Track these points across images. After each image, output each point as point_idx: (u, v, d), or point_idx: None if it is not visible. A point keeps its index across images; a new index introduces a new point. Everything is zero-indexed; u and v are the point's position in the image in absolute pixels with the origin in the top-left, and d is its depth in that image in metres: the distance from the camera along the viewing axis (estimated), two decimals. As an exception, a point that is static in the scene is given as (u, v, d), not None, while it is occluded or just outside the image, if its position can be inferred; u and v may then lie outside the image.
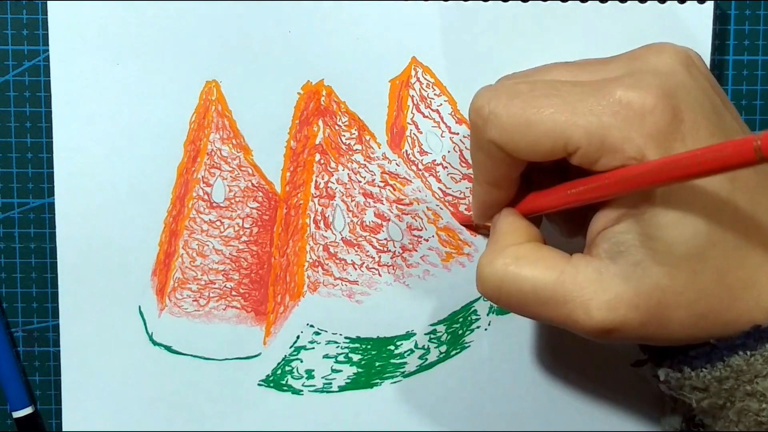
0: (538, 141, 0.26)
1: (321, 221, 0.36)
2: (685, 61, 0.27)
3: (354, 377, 0.37)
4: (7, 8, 0.35)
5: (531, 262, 0.28)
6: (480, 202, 0.31)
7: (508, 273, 0.28)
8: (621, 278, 0.26)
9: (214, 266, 0.36)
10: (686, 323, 0.26)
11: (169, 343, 0.36)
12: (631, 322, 0.26)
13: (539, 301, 0.27)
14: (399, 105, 0.36)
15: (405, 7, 0.35)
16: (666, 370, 0.28)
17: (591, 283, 0.26)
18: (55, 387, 0.37)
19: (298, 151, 0.36)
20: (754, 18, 0.37)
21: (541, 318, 0.28)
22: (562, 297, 0.27)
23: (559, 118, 0.26)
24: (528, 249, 0.28)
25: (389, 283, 0.36)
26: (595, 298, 0.26)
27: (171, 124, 0.35)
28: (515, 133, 0.26)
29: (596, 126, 0.25)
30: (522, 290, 0.27)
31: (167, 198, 0.36)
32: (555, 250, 0.28)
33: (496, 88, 0.28)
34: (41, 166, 0.36)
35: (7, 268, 0.37)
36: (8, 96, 0.36)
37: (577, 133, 0.25)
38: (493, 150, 0.28)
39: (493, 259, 0.28)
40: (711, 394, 0.27)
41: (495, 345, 0.37)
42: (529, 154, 0.27)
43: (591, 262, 0.27)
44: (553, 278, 0.27)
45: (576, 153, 0.26)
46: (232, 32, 0.35)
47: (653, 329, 0.26)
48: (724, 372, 0.26)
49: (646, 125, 0.25)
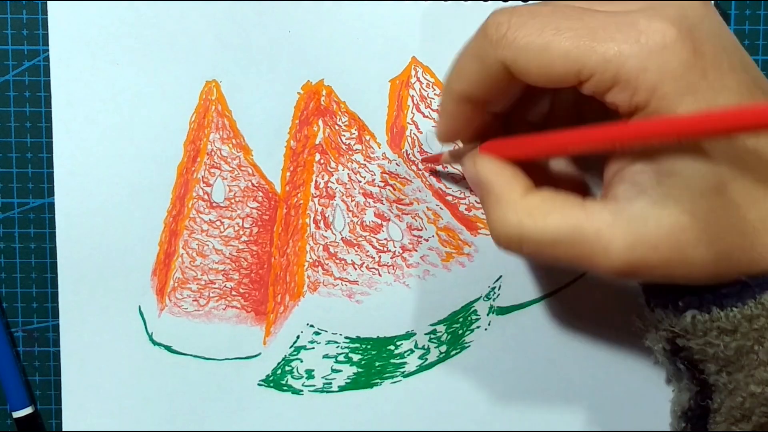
0: (552, 64, 0.26)
1: (321, 221, 0.36)
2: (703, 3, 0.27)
3: (354, 377, 0.37)
4: (7, 8, 0.35)
5: (545, 214, 0.27)
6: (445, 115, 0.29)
7: (525, 230, 0.27)
8: (640, 219, 0.26)
9: (214, 266, 0.36)
10: (708, 261, 0.26)
11: (169, 343, 0.36)
12: (652, 262, 0.26)
13: (559, 250, 0.27)
14: (399, 105, 0.36)
15: (405, 7, 0.35)
16: (693, 312, 0.27)
17: (609, 227, 0.26)
18: (55, 387, 0.37)
19: (298, 151, 0.36)
20: (754, 18, 0.37)
21: (563, 264, 0.28)
22: (581, 244, 0.26)
23: (578, 43, 0.25)
24: (537, 200, 0.28)
25: (389, 283, 0.36)
26: (614, 242, 0.26)
27: (171, 124, 0.35)
28: (529, 54, 0.26)
29: (614, 54, 0.25)
30: (541, 243, 0.27)
31: (167, 198, 0.36)
32: (563, 196, 0.28)
33: (516, 8, 0.27)
34: (41, 166, 0.36)
35: (7, 268, 0.37)
36: (8, 96, 0.36)
37: (594, 59, 0.25)
38: (498, 68, 0.27)
39: (506, 218, 0.28)
40: (740, 336, 0.26)
41: (495, 345, 0.37)
42: (538, 77, 0.26)
43: (607, 205, 0.27)
44: (570, 227, 0.27)
45: (589, 80, 0.25)
46: (232, 32, 0.35)
47: (675, 268, 0.26)
48: (756, 310, 0.26)
49: (665, 57, 0.25)
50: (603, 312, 0.37)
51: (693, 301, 0.27)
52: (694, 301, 0.27)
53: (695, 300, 0.27)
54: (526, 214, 0.28)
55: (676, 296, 0.28)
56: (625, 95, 0.25)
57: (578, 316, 0.37)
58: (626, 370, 0.37)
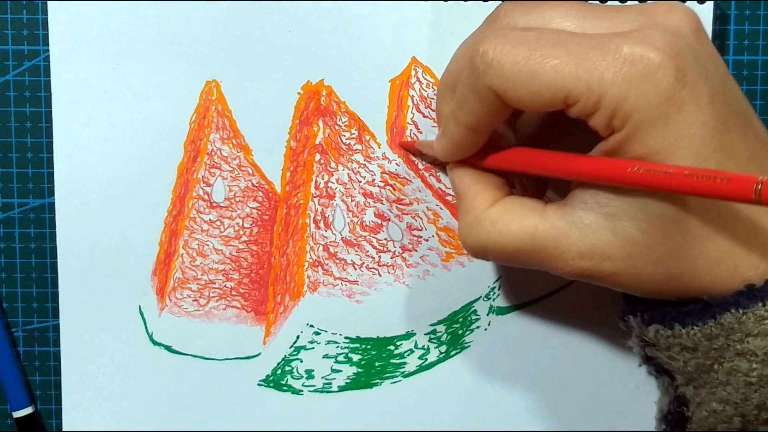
0: (540, 91, 0.26)
1: (321, 221, 0.36)
2: (695, 25, 0.27)
3: (354, 377, 0.37)
4: (7, 8, 0.35)
5: (507, 224, 0.29)
6: (452, 144, 0.30)
7: (489, 240, 0.29)
8: (594, 230, 0.27)
9: (214, 266, 0.36)
10: (657, 279, 0.27)
11: (169, 343, 0.36)
12: (603, 271, 0.27)
13: (522, 256, 0.29)
14: (399, 105, 0.36)
15: (405, 7, 0.35)
16: (656, 327, 0.28)
17: (564, 236, 0.28)
18: (55, 387, 0.37)
19: (298, 151, 0.36)
20: (754, 18, 0.37)
21: (526, 266, 0.29)
22: (541, 250, 0.28)
23: (563, 70, 0.26)
24: (501, 210, 0.29)
25: (389, 283, 0.36)
26: (569, 250, 0.27)
27: (171, 124, 0.35)
28: (517, 82, 0.26)
29: (597, 81, 0.25)
30: (505, 251, 0.29)
31: (167, 198, 0.36)
32: (526, 203, 0.29)
33: (503, 35, 0.27)
34: (41, 166, 0.36)
35: (7, 268, 0.37)
36: (8, 96, 0.36)
37: (579, 86, 0.25)
38: (489, 96, 0.27)
39: (472, 229, 0.30)
40: (700, 354, 0.27)
41: (495, 345, 0.37)
42: (527, 103, 0.27)
43: (565, 214, 0.28)
44: (529, 234, 0.28)
45: (575, 106, 0.26)
46: (232, 32, 0.35)
47: (625, 279, 0.27)
48: (715, 330, 0.26)
49: (644, 87, 0.25)
50: (602, 312, 0.37)
51: (657, 316, 0.28)
52: (658, 315, 0.28)
53: (659, 315, 0.28)
54: (490, 225, 0.29)
55: (644, 308, 0.29)
56: (604, 120, 0.26)
57: (578, 317, 0.37)
58: (626, 370, 0.37)
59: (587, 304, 0.37)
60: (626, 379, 0.37)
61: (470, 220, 0.30)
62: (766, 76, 0.37)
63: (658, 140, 0.25)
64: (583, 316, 0.37)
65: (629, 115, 0.25)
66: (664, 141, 0.25)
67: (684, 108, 0.25)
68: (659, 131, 0.25)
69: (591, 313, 0.37)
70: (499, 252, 0.29)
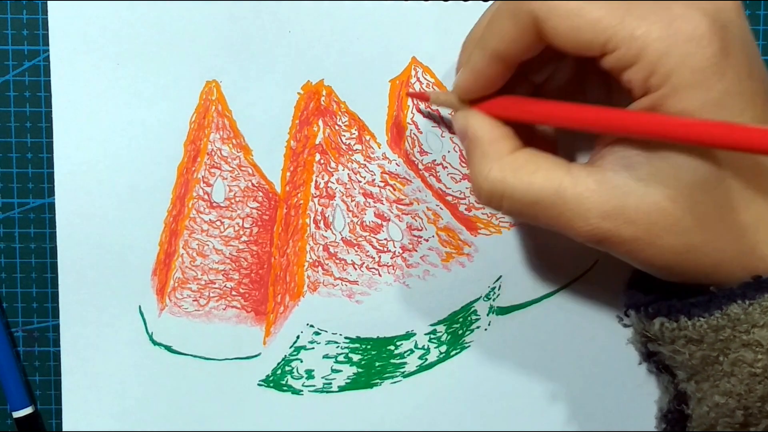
0: (582, 27, 0.25)
1: (321, 221, 0.36)
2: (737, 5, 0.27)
3: (354, 377, 0.37)
4: (7, 8, 0.35)
5: (530, 173, 0.28)
6: (474, 75, 0.29)
7: (508, 186, 0.28)
8: (622, 191, 0.26)
9: (214, 266, 0.36)
10: (677, 250, 0.26)
11: (169, 343, 0.36)
12: (623, 235, 0.26)
13: (539, 210, 0.28)
14: (399, 105, 0.36)
15: (405, 7, 0.35)
16: (661, 320, 0.28)
17: (591, 194, 0.27)
18: (55, 387, 0.37)
19: (298, 151, 0.36)
20: (754, 18, 0.37)
21: (541, 224, 0.28)
22: (562, 206, 0.27)
23: (610, 12, 0.25)
24: (524, 158, 0.28)
25: (389, 283, 0.36)
26: (593, 208, 0.26)
27: (171, 124, 0.35)
28: (561, 12, 0.26)
29: (642, 32, 0.25)
30: (523, 201, 0.28)
31: (167, 198, 0.36)
32: (549, 157, 0.28)
33: None
34: (41, 166, 0.36)
35: (7, 268, 0.37)
36: (8, 96, 0.36)
37: (622, 32, 0.25)
38: (527, 22, 0.27)
39: (491, 172, 0.28)
40: (705, 346, 0.27)
41: (495, 345, 0.37)
42: (565, 40, 0.26)
43: (592, 173, 0.27)
44: (553, 188, 0.27)
45: (612, 53, 0.25)
46: (232, 32, 0.35)
47: (643, 247, 0.26)
48: (722, 321, 0.26)
49: (690, 48, 0.25)
50: (603, 312, 0.37)
51: (662, 308, 0.28)
52: (663, 308, 0.28)
53: (664, 307, 0.28)
54: (511, 171, 0.28)
55: (648, 301, 0.28)
56: (641, 75, 0.25)
57: (578, 316, 0.37)
58: (626, 370, 0.37)
59: (587, 304, 0.37)
60: (626, 379, 0.37)
61: (489, 164, 0.28)
62: (766, 76, 0.37)
63: (696, 105, 0.25)
64: (583, 316, 0.37)
65: (669, 75, 0.25)
66: (703, 107, 0.25)
67: (726, 77, 0.25)
68: (699, 95, 0.25)
69: (591, 313, 0.37)
70: (517, 200, 0.28)
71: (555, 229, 0.28)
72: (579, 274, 0.36)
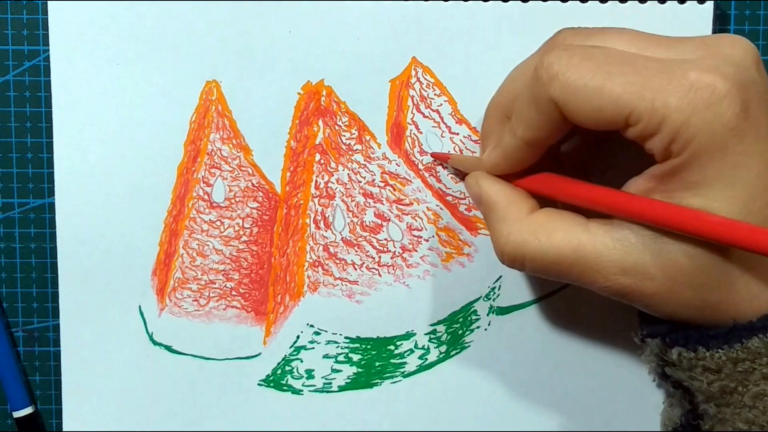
0: (603, 107, 0.26)
1: (321, 221, 0.36)
2: (756, 58, 0.27)
3: (354, 377, 0.37)
4: (7, 8, 0.35)
5: (549, 234, 0.28)
6: (505, 157, 0.30)
7: (529, 248, 0.29)
8: (639, 249, 0.27)
9: (214, 266, 0.36)
10: (694, 305, 0.27)
11: (169, 343, 0.36)
12: (643, 290, 0.27)
13: (561, 268, 0.28)
14: (399, 105, 0.36)
15: (405, 7, 0.35)
16: (679, 350, 0.28)
17: (609, 251, 0.27)
18: (55, 387, 0.37)
19: (298, 151, 0.36)
20: (754, 18, 0.37)
21: (562, 280, 0.29)
22: (583, 264, 0.28)
23: (629, 89, 0.25)
24: (542, 219, 0.29)
25: (389, 283, 0.36)
26: (612, 265, 0.27)
27: (171, 124, 0.35)
28: (581, 95, 0.26)
29: (662, 104, 0.25)
30: (544, 261, 0.28)
31: (167, 198, 0.36)
32: (567, 216, 0.29)
33: (570, 48, 0.27)
34: (41, 166, 0.36)
35: (7, 268, 0.37)
36: (8, 96, 0.36)
37: (643, 106, 0.25)
38: (550, 108, 0.27)
39: (510, 235, 0.29)
40: (724, 376, 0.27)
41: (495, 345, 0.37)
42: (588, 119, 0.26)
43: (610, 231, 0.27)
44: (572, 247, 0.28)
45: (636, 126, 0.26)
46: (232, 32, 0.35)
47: (662, 301, 0.27)
48: (741, 354, 0.26)
49: (708, 115, 0.25)
50: (602, 312, 0.37)
51: (679, 339, 0.28)
52: (681, 338, 0.28)
53: (681, 338, 0.28)
54: (530, 233, 0.29)
55: (666, 331, 0.29)
56: (663, 144, 0.26)
57: (578, 317, 0.37)
58: (626, 370, 0.37)
59: (587, 304, 0.36)
60: (627, 379, 0.37)
61: (508, 228, 0.29)
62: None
63: (716, 169, 0.25)
64: (584, 316, 0.37)
65: (690, 141, 0.25)
66: (722, 170, 0.25)
67: (745, 139, 0.25)
68: (718, 160, 0.25)
69: (591, 314, 0.37)
70: (538, 262, 0.29)
71: (579, 284, 0.28)
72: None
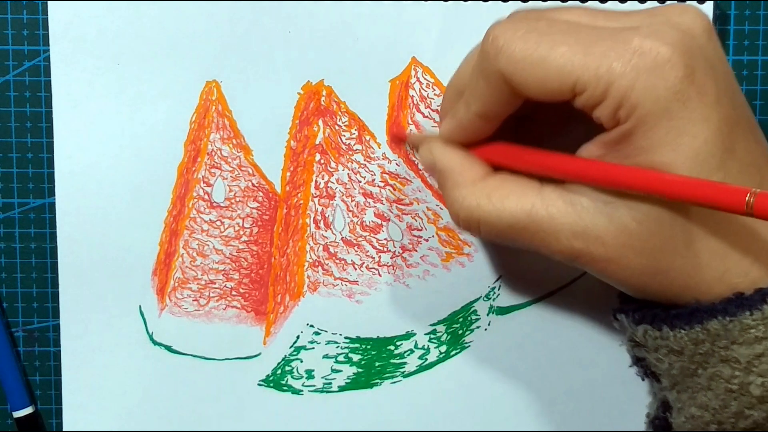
0: (548, 78, 0.26)
1: (321, 221, 0.36)
2: (707, 26, 0.27)
3: (354, 377, 0.37)
4: (7, 8, 0.35)
5: (503, 198, 0.29)
6: (460, 128, 0.30)
7: (483, 212, 0.29)
8: (591, 213, 0.27)
9: (214, 266, 0.36)
10: (645, 272, 0.27)
11: (169, 343, 0.36)
12: (594, 254, 0.27)
13: (514, 232, 0.28)
14: (399, 105, 0.36)
15: (405, 7, 0.35)
16: (645, 327, 0.28)
17: (562, 215, 0.27)
18: (56, 387, 0.37)
19: (298, 151, 0.36)
20: (754, 18, 0.37)
21: (518, 245, 0.29)
22: (535, 227, 0.28)
23: (572, 58, 0.26)
24: (495, 184, 0.29)
25: (389, 283, 0.36)
26: (564, 229, 0.27)
27: (171, 124, 0.35)
28: (526, 67, 0.26)
29: (605, 70, 0.25)
30: (498, 225, 0.29)
31: (167, 198, 0.36)
32: (521, 180, 0.29)
33: (514, 21, 0.27)
34: (41, 166, 0.36)
35: (7, 268, 0.37)
36: (8, 96, 0.36)
37: (586, 75, 0.25)
38: (498, 82, 0.27)
39: (465, 200, 0.29)
40: (686, 358, 0.27)
41: (495, 345, 0.37)
42: (535, 90, 0.27)
43: (562, 195, 0.28)
44: (525, 210, 0.28)
45: (582, 95, 0.26)
46: (232, 32, 0.35)
47: (614, 268, 0.27)
48: (701, 335, 0.26)
49: (652, 79, 0.25)
50: (602, 312, 0.37)
51: (646, 316, 0.28)
52: (648, 316, 0.28)
53: (648, 315, 0.28)
54: (484, 197, 0.29)
55: (635, 308, 0.29)
56: (609, 110, 0.26)
57: (578, 317, 0.37)
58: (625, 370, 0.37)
59: (587, 304, 0.37)
60: (626, 379, 0.37)
61: (463, 192, 0.29)
62: (766, 76, 0.37)
63: (661, 134, 0.25)
64: (583, 316, 0.37)
65: (635, 107, 0.25)
66: (667, 135, 0.25)
67: (689, 104, 0.25)
68: (664, 125, 0.25)
69: (591, 314, 0.37)
70: (492, 225, 0.29)
71: (532, 249, 0.29)
72: (579, 274, 0.36)
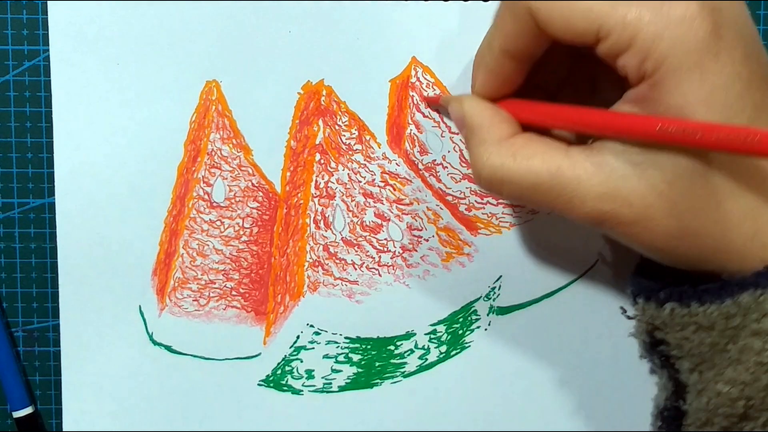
0: (573, 17, 0.26)
1: (321, 221, 0.36)
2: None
3: (354, 377, 0.37)
4: (7, 8, 0.35)
5: (528, 157, 0.28)
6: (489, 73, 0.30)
7: (507, 171, 0.28)
8: (619, 175, 0.26)
9: (214, 266, 0.36)
10: (674, 234, 0.26)
11: (169, 343, 0.36)
12: (621, 216, 0.27)
13: (539, 193, 0.28)
14: (399, 105, 0.36)
15: (405, 7, 0.35)
16: (672, 305, 0.28)
17: (589, 176, 0.27)
18: (55, 387, 0.37)
19: (298, 151, 0.36)
20: (754, 18, 0.37)
21: (542, 207, 0.29)
22: (561, 189, 0.27)
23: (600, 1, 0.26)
24: (521, 143, 0.29)
25: (389, 283, 0.36)
26: (591, 190, 0.27)
27: (171, 124, 0.35)
28: (555, 5, 0.26)
29: (634, 17, 0.25)
30: (522, 185, 0.28)
31: (167, 198, 0.36)
32: (547, 141, 0.29)
33: None
34: (41, 166, 0.36)
35: (7, 268, 0.37)
36: (8, 96, 0.36)
37: (614, 19, 0.25)
38: (525, 18, 0.27)
39: (489, 157, 0.29)
40: (716, 333, 0.27)
41: (495, 345, 0.37)
42: (560, 28, 0.26)
43: (590, 156, 0.27)
44: (551, 171, 0.28)
45: (605, 40, 0.26)
46: (232, 32, 0.35)
47: (641, 230, 0.27)
48: (732, 309, 0.26)
49: (681, 30, 0.25)
50: (602, 312, 0.37)
51: (674, 294, 0.28)
52: (675, 294, 0.28)
53: (676, 293, 0.28)
54: (509, 156, 0.28)
55: (659, 287, 0.28)
56: (635, 60, 0.25)
57: (578, 316, 0.37)
58: (625, 370, 0.37)
59: (587, 304, 0.37)
60: (626, 379, 0.37)
61: (487, 150, 0.29)
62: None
63: (693, 88, 0.25)
64: (583, 316, 0.37)
65: (664, 58, 0.25)
66: (700, 90, 0.25)
67: (721, 58, 0.25)
68: (695, 77, 0.25)
69: (591, 313, 0.37)
70: (516, 185, 0.28)
71: (556, 212, 0.28)
72: (579, 274, 0.36)
